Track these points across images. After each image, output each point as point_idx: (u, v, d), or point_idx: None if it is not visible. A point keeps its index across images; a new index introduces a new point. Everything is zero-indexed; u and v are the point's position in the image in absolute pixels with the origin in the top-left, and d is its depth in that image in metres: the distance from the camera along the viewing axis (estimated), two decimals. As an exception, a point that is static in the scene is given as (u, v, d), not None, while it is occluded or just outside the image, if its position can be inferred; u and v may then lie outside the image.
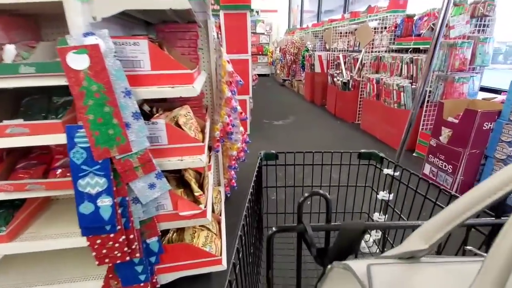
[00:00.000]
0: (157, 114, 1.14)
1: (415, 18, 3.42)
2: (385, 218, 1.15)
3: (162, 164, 1.03)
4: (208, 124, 1.59)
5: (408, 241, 0.36)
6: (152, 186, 1.02)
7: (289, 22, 10.80)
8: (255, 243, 0.88)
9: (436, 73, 2.58)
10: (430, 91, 2.65)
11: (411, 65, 2.99)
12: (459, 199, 0.32)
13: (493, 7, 2.24)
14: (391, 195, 1.09)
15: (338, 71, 4.41)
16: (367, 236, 1.21)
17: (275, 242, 0.62)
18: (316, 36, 6.24)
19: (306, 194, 0.59)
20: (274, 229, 0.58)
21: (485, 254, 0.26)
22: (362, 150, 1.04)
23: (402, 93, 2.77)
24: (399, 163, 1.00)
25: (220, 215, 1.59)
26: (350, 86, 3.96)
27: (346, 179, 1.10)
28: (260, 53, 11.08)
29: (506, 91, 2.42)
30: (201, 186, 1.24)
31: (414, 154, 2.87)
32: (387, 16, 3.63)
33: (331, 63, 5.01)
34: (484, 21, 2.43)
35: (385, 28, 3.81)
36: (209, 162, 1.59)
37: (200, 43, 1.70)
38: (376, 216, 1.18)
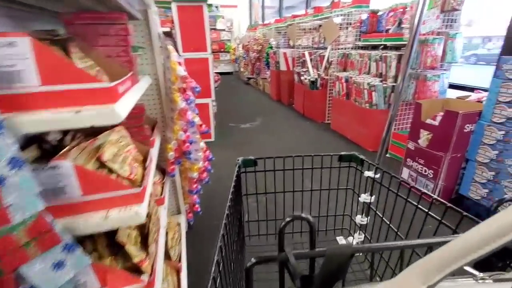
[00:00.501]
0: (68, 147, 0.76)
1: (379, 13, 3.34)
2: (367, 220, 1.11)
3: (75, 227, 0.68)
4: (157, 143, 1.24)
5: (403, 278, 0.32)
6: (58, 265, 0.66)
7: (251, 18, 10.51)
8: (236, 255, 0.83)
9: (410, 70, 2.47)
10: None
11: (380, 62, 2.87)
12: (466, 235, 0.29)
13: (463, 1, 2.17)
14: (373, 197, 1.06)
15: (304, 69, 4.23)
16: (350, 239, 1.18)
17: (255, 271, 0.54)
18: (279, 32, 6.03)
19: (287, 219, 0.55)
20: (253, 260, 0.53)
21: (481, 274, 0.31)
22: (343, 153, 1.03)
23: (373, 93, 2.63)
24: (379, 165, 0.99)
25: (180, 260, 1.26)
26: (318, 85, 3.79)
27: (328, 182, 1.07)
28: (222, 50, 10.66)
29: (478, 89, 2.39)
30: (146, 240, 0.89)
31: (387, 155, 2.77)
32: (351, 12, 3.51)
33: (297, 60, 4.83)
34: (452, 16, 2.36)
35: (350, 24, 3.69)
36: (162, 194, 1.24)
37: (139, 40, 1.33)
38: (358, 218, 1.13)
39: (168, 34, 2.96)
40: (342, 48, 3.65)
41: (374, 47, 3.42)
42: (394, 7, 2.98)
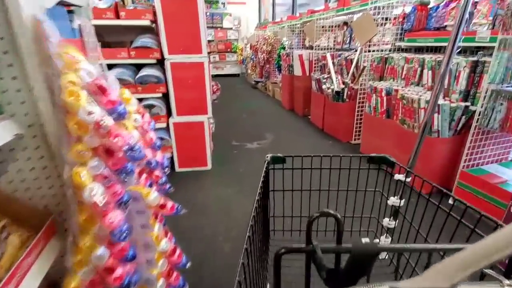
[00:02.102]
0: None
1: (430, 5, 2.54)
2: (395, 224, 1.03)
3: None
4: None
5: (427, 276, 0.33)
6: None
7: (260, 16, 9.75)
8: (262, 246, 0.87)
9: (493, 86, 1.68)
10: (480, 113, 1.74)
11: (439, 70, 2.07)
12: (493, 236, 0.30)
13: None
14: (402, 201, 0.99)
15: (325, 76, 3.45)
16: (376, 241, 1.09)
17: (282, 259, 0.56)
18: (293, 31, 5.25)
19: (315, 214, 0.56)
20: (282, 250, 0.55)
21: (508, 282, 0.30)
22: (373, 154, 1.01)
23: (436, 115, 1.84)
24: (411, 168, 1.02)
25: None
26: (344, 97, 3.01)
27: (356, 183, 1.03)
28: (229, 50, 9.93)
29: None
30: None
31: (449, 201, 1.97)
32: (392, 3, 2.71)
33: (315, 64, 4.05)
34: None
35: (387, 19, 2.90)
36: None
37: None
38: (385, 221, 1.04)
39: (150, 30, 2.22)
40: (376, 50, 2.86)
41: (419, 50, 2.62)
42: (458, -5, 2.18)
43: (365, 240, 1.12)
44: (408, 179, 0.95)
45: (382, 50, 2.85)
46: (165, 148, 2.37)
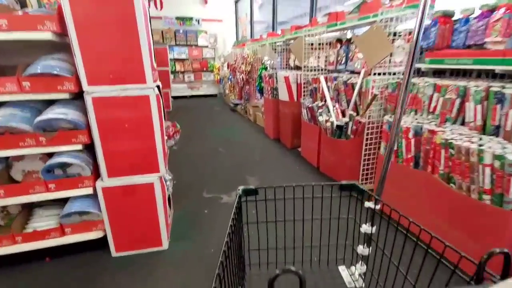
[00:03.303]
0: None
1: (457, 18, 1.97)
2: (369, 251, 1.04)
3: None
4: None
5: None
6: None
7: (238, 33, 9.23)
8: (237, 282, 0.86)
9: None
10: None
11: (487, 103, 1.44)
12: None
13: None
14: (374, 228, 0.99)
15: (319, 103, 2.78)
16: (352, 268, 1.13)
17: None
18: (274, 49, 4.65)
19: (277, 272, 0.52)
20: None
21: None
22: (343, 182, 1.02)
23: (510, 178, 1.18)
24: (379, 195, 1.02)
25: None
26: (348, 132, 2.34)
27: (329, 212, 1.04)
28: (205, 69, 9.27)
29: None
30: None
31: None
32: (405, 14, 2.12)
33: (304, 87, 3.40)
34: None
35: (395, 35, 2.32)
36: None
37: None
38: (360, 249, 1.05)
39: (59, 46, 1.42)
40: (384, 73, 2.23)
41: (439, 73, 2.02)
42: (500, 4, 1.60)
43: (341, 268, 1.13)
44: (378, 207, 0.95)
45: (392, 73, 2.23)
46: (92, 224, 1.53)
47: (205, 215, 2.09)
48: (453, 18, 2.01)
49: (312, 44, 3.43)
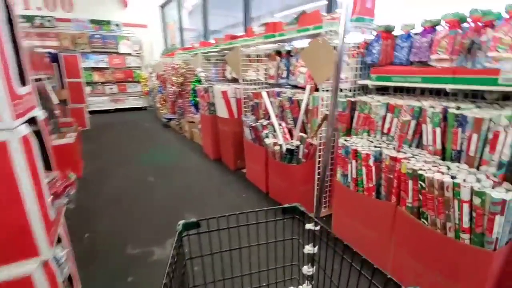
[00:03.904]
0: None
1: (400, 33, 1.92)
2: (313, 271, 1.06)
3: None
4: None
5: None
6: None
7: (166, 41, 8.52)
8: None
9: None
10: None
11: (446, 126, 1.34)
12: None
13: None
14: (316, 248, 1.02)
15: (263, 122, 2.50)
16: None
17: None
18: (208, 60, 4.26)
19: None
20: None
21: None
22: (286, 205, 1.04)
23: (497, 216, 1.04)
24: (318, 217, 1.13)
25: None
26: (300, 156, 2.09)
27: (274, 235, 1.03)
28: (130, 79, 8.28)
29: None
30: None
31: None
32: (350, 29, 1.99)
33: (244, 103, 3.09)
34: None
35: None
36: None
37: None
38: (305, 269, 1.07)
39: None
40: (330, 90, 2.07)
41: (383, 89, 1.94)
42: (451, 19, 1.55)
43: None
44: (318, 228, 0.98)
45: (339, 90, 2.08)
46: None
47: (128, 286, 1.54)
48: (394, 34, 1.96)
49: (249, 56, 3.16)
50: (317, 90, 2.22)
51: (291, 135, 2.39)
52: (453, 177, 1.16)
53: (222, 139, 3.43)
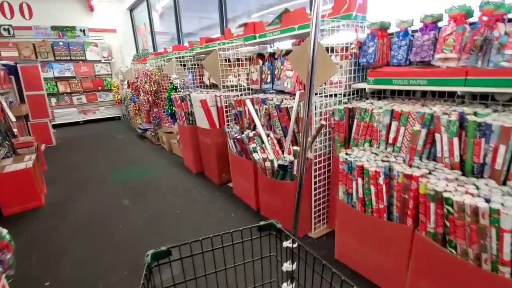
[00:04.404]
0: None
1: (393, 31, 1.74)
2: (292, 287, 1.04)
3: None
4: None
5: None
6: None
7: (137, 46, 8.06)
8: None
9: None
10: None
11: (464, 135, 1.16)
12: None
13: None
14: (294, 265, 1.00)
15: (249, 134, 2.24)
16: None
17: None
18: (183, 65, 3.95)
19: None
20: None
21: None
22: (262, 223, 1.02)
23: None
24: (295, 235, 1.07)
25: None
26: (294, 172, 1.86)
27: (251, 254, 1.03)
28: (100, 88, 7.74)
29: None
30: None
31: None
32: (338, 26, 1.78)
33: (226, 111, 2.82)
34: None
35: (331, 51, 1.98)
36: None
37: None
38: (284, 286, 1.04)
39: None
40: (321, 95, 1.85)
41: (378, 93, 1.75)
42: (451, 14, 1.37)
43: None
44: (295, 245, 0.96)
45: (333, 95, 1.87)
46: None
47: None
48: (389, 31, 1.78)
49: (228, 60, 2.90)
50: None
51: (281, 147, 2.15)
52: (487, 201, 0.97)
53: (204, 152, 3.14)
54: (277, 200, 2.03)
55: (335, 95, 1.86)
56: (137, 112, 5.75)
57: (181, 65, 3.89)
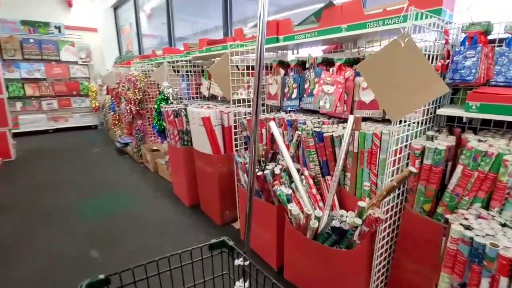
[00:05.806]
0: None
1: (491, 36, 1.22)
2: None
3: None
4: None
5: None
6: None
7: (120, 48, 7.30)
8: None
9: None
10: None
11: None
12: None
13: None
14: (247, 284, 0.99)
15: (278, 170, 1.63)
16: None
17: None
18: (177, 71, 3.30)
19: None
20: None
21: None
22: (213, 241, 0.99)
23: None
24: (246, 253, 0.98)
25: None
26: (355, 238, 1.25)
27: (202, 275, 0.97)
28: (75, 93, 6.89)
29: None
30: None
31: None
32: (419, 26, 1.23)
33: (236, 132, 2.20)
34: None
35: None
36: None
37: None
38: None
39: None
40: (411, 122, 1.28)
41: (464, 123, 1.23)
42: None
43: None
44: (247, 263, 0.94)
45: (416, 122, 1.31)
46: None
47: None
48: (489, 37, 1.26)
49: (237, 67, 2.30)
50: (383, 120, 1.44)
51: (317, 189, 1.56)
52: None
53: (202, 181, 2.48)
54: (322, 270, 1.41)
55: (409, 124, 1.29)
56: (116, 122, 4.98)
57: (174, 71, 3.25)
